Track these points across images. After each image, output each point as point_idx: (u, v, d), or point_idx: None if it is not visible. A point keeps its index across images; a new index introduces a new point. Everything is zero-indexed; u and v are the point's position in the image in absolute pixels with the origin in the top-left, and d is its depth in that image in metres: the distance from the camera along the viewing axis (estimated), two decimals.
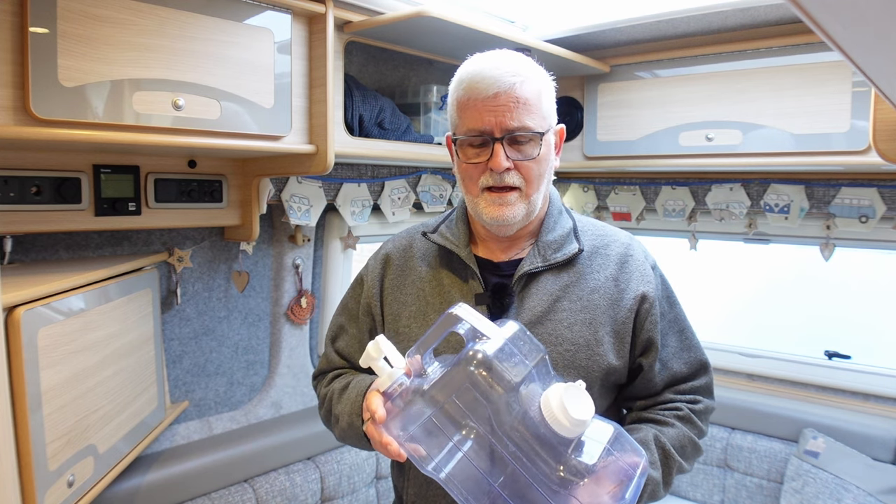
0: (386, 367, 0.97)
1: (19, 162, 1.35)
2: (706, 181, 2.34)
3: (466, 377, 0.87)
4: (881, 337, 2.45)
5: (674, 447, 1.15)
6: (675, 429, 1.18)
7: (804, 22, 0.44)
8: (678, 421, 1.19)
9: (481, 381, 0.86)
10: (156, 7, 1.24)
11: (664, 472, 1.13)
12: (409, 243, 1.30)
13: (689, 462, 1.19)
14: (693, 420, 1.20)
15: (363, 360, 0.99)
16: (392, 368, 0.97)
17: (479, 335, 0.91)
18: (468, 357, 0.88)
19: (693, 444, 1.19)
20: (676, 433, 1.17)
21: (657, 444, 1.14)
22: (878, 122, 1.33)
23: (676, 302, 1.27)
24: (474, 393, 0.87)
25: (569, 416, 0.85)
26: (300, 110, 1.55)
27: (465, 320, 0.93)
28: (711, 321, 2.65)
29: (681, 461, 1.15)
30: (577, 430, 0.86)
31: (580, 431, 0.87)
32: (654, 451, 1.13)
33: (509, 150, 1.10)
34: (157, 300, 1.63)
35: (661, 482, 1.11)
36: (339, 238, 2.12)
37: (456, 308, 0.94)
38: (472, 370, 0.87)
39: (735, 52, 1.96)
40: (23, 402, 1.07)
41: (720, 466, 2.33)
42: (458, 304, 0.95)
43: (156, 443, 1.72)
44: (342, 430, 1.19)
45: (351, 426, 1.15)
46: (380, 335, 1.00)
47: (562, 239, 1.19)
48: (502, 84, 1.07)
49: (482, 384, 0.86)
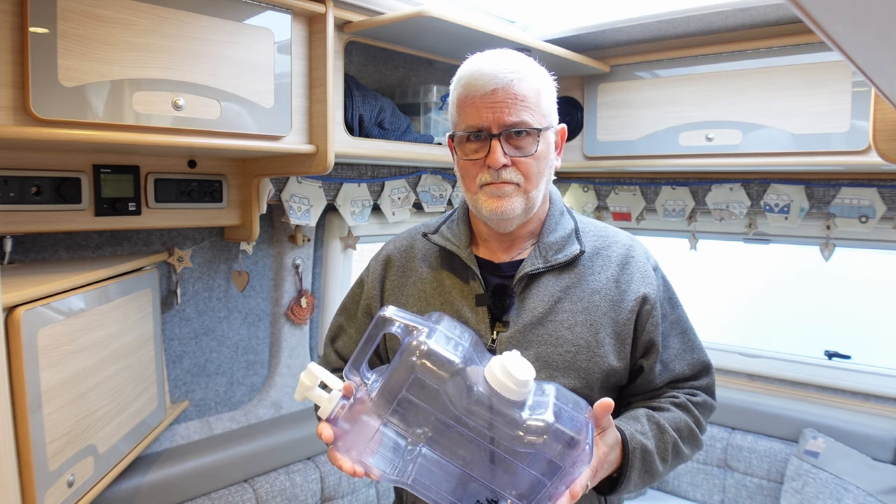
0: (323, 395, 0.96)
1: (19, 162, 1.35)
2: (706, 181, 2.34)
3: (412, 369, 0.89)
4: (881, 337, 2.45)
5: (669, 425, 1.14)
6: (671, 413, 1.18)
7: (804, 22, 0.44)
8: (674, 406, 1.19)
9: (428, 368, 0.89)
10: (156, 7, 1.24)
11: (658, 444, 1.11)
12: (410, 244, 1.30)
13: (687, 447, 1.18)
14: (690, 408, 1.20)
15: (298, 393, 0.98)
16: (329, 394, 0.96)
17: (411, 330, 0.93)
18: (409, 349, 0.90)
19: (690, 431, 1.18)
20: (671, 416, 1.17)
21: (648, 418, 1.14)
22: (878, 122, 1.33)
23: (678, 303, 1.27)
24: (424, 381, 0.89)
25: (514, 378, 0.88)
26: (300, 110, 1.55)
27: (397, 319, 0.94)
28: (711, 321, 2.65)
29: (677, 439, 1.14)
30: (524, 391, 0.90)
31: (527, 391, 0.90)
32: (644, 423, 1.12)
33: (507, 147, 1.09)
34: (157, 300, 1.63)
35: (655, 453, 1.10)
36: (339, 238, 2.12)
37: (384, 310, 0.95)
38: (415, 360, 0.89)
39: (735, 52, 1.96)
40: (23, 402, 1.07)
41: (720, 466, 2.33)
42: (385, 307, 0.96)
43: (156, 443, 1.72)
44: None
45: None
46: (310, 362, 1.00)
47: (563, 240, 1.19)
48: (500, 80, 1.08)
49: (429, 371, 0.89)
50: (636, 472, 1.07)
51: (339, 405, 0.94)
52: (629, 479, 1.06)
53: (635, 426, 1.11)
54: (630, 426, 1.10)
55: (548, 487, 0.89)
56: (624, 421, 1.12)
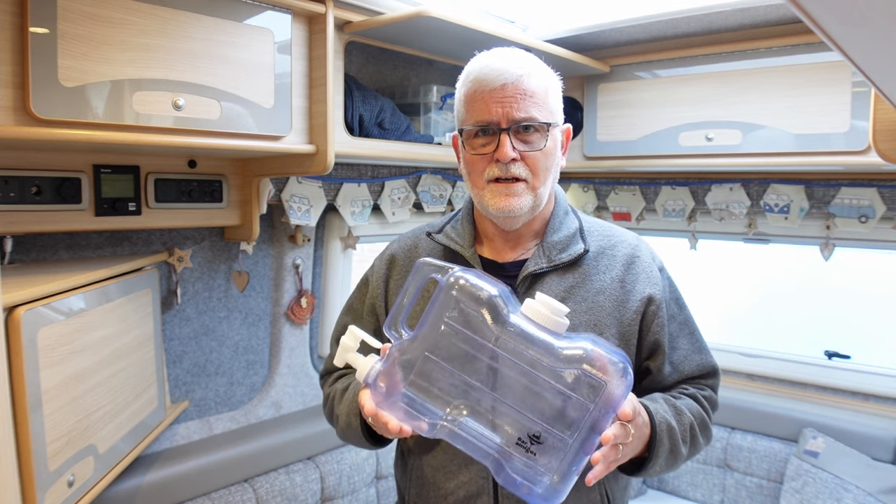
0: (360, 359, 0.97)
1: (19, 162, 1.35)
2: (706, 181, 2.34)
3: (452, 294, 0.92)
4: (881, 337, 2.45)
5: (686, 409, 1.14)
6: (684, 400, 1.18)
7: (804, 22, 0.44)
8: (686, 396, 1.19)
9: (467, 290, 0.92)
10: (156, 7, 1.24)
11: (678, 423, 1.11)
12: (415, 244, 1.30)
13: (702, 436, 1.18)
14: (700, 399, 1.20)
15: (338, 357, 0.99)
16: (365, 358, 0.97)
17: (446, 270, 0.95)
18: (449, 282, 0.93)
19: (702, 420, 1.18)
20: (685, 402, 1.17)
21: (665, 400, 1.14)
22: (878, 122, 1.32)
23: (685, 304, 1.26)
24: (464, 304, 0.91)
25: (554, 307, 0.91)
26: (300, 110, 1.55)
27: (434, 265, 0.97)
28: (711, 321, 2.65)
29: (692, 421, 1.14)
30: (563, 322, 0.91)
31: (565, 324, 0.92)
32: (662, 403, 1.12)
33: (515, 142, 1.10)
34: (157, 300, 1.63)
35: (678, 433, 1.09)
36: (339, 238, 2.12)
37: (422, 260, 0.97)
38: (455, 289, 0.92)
39: (735, 52, 1.96)
40: (23, 402, 1.07)
41: (720, 466, 2.33)
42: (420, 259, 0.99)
43: (156, 443, 1.71)
44: (342, 429, 1.22)
45: (349, 426, 1.18)
46: (351, 325, 1.01)
47: (567, 239, 1.19)
48: (509, 76, 1.08)
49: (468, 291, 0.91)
50: (664, 451, 1.07)
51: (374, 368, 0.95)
52: (658, 456, 1.06)
53: (654, 405, 1.10)
54: (651, 405, 1.09)
55: (591, 412, 0.87)
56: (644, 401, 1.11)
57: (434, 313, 0.92)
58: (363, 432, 1.15)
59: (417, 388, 0.92)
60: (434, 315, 0.92)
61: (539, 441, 0.89)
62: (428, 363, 0.92)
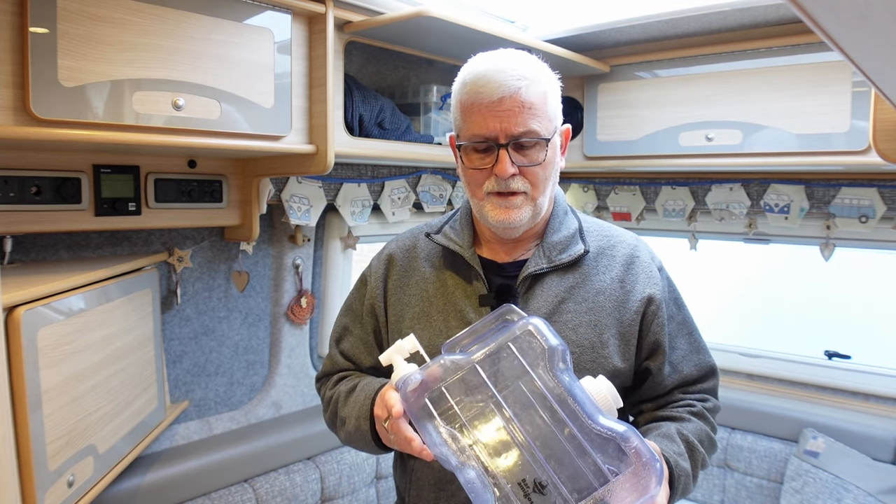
0: (404, 365, 0.99)
1: (19, 162, 1.35)
2: (706, 181, 2.34)
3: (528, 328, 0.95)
4: (881, 337, 2.45)
5: (696, 440, 1.14)
6: (693, 423, 1.17)
7: (804, 22, 0.44)
8: (694, 416, 1.19)
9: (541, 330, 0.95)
10: (156, 7, 1.24)
11: (692, 465, 1.11)
12: (413, 244, 1.29)
13: (709, 455, 1.18)
14: (706, 416, 1.20)
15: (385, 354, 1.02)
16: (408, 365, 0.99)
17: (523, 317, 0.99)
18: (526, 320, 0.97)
19: (710, 439, 1.18)
20: (695, 427, 1.16)
21: (681, 436, 1.13)
22: (878, 122, 1.32)
23: (684, 304, 1.26)
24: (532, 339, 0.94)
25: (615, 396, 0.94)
26: (300, 110, 1.55)
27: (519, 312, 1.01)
28: (711, 321, 2.65)
29: (704, 454, 1.14)
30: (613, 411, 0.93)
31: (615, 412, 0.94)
32: (680, 444, 1.11)
33: (514, 156, 1.08)
34: (157, 300, 1.63)
35: (691, 474, 1.10)
36: (339, 238, 2.12)
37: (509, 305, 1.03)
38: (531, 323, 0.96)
39: (735, 52, 1.96)
40: (23, 402, 1.07)
41: (720, 466, 2.33)
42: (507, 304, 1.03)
43: (156, 443, 1.71)
44: (349, 433, 1.18)
45: (358, 429, 1.15)
46: (411, 334, 1.03)
47: (567, 240, 1.18)
48: (507, 89, 1.05)
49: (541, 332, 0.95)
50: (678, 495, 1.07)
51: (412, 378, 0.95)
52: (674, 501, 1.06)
53: (672, 447, 1.09)
54: (668, 447, 1.08)
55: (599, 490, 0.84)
56: (659, 440, 1.10)
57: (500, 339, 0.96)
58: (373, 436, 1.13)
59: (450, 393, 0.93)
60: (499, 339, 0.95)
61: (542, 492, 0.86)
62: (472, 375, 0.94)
